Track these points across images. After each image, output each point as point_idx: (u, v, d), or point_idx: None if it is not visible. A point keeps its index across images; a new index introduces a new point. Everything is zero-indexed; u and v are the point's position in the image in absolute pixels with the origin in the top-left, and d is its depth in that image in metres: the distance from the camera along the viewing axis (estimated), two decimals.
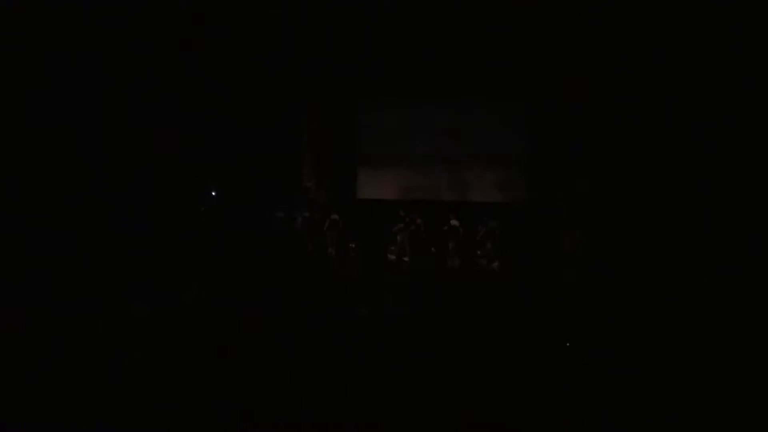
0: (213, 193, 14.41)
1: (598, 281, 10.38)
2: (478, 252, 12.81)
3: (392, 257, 13.42)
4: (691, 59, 9.32)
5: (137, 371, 3.94)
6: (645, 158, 10.22)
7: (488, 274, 12.03)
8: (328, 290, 10.40)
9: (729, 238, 8.91)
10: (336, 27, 12.11)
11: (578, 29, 11.35)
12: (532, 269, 13.01)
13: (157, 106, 11.48)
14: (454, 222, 12.87)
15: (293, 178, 15.86)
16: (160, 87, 11.48)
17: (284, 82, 14.58)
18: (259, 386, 3.98)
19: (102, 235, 9.45)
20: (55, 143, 9.29)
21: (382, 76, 14.25)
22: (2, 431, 3.47)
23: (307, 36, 12.70)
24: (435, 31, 12.13)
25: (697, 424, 3.93)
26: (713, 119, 9.04)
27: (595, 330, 7.14)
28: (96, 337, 4.49)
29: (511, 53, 12.82)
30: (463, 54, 13.10)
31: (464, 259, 12.88)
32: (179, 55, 11.82)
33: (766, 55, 8.41)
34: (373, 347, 4.71)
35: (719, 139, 8.93)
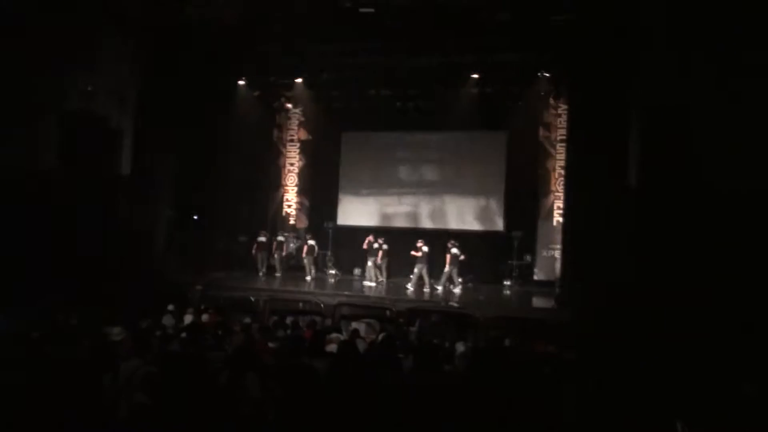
0: (195, 217, 14.28)
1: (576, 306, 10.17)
2: (445, 279, 12.67)
3: (369, 284, 13.31)
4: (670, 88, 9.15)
5: None
6: (624, 184, 10.06)
7: (450, 300, 11.80)
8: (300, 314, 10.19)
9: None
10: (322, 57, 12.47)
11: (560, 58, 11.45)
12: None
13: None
14: (424, 248, 12.76)
15: (274, 203, 15.88)
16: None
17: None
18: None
19: None
20: None
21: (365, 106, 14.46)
22: None
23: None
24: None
25: (697, 424, 3.80)
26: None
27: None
28: None
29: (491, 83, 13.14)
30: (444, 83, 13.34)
31: (428, 285, 12.74)
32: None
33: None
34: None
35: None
